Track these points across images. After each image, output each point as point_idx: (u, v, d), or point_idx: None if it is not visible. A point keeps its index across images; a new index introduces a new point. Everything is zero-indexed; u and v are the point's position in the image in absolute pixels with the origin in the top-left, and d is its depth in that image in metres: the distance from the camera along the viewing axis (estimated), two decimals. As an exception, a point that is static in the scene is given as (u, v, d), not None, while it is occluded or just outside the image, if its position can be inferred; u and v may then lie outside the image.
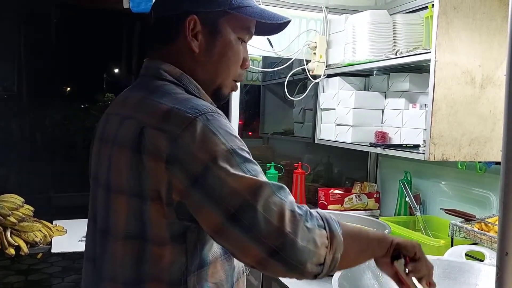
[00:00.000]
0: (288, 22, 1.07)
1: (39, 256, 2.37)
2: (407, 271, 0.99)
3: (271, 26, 1.06)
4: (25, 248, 2.24)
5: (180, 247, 0.89)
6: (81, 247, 2.25)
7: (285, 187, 0.86)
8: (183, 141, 0.82)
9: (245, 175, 0.81)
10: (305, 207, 0.86)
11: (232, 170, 0.81)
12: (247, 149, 0.87)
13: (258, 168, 0.85)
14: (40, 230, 2.32)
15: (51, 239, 2.34)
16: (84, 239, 2.33)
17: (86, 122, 7.32)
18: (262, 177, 0.84)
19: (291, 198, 0.85)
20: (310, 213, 0.85)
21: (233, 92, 2.38)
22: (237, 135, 0.88)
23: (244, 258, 0.84)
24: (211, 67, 1.00)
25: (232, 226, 0.80)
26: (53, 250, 2.26)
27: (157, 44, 1.01)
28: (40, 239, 2.29)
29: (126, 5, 2.20)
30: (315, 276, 0.84)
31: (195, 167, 0.82)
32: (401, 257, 0.98)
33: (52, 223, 2.47)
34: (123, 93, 1.04)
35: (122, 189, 0.90)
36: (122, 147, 0.90)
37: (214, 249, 0.93)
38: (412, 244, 0.99)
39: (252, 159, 0.86)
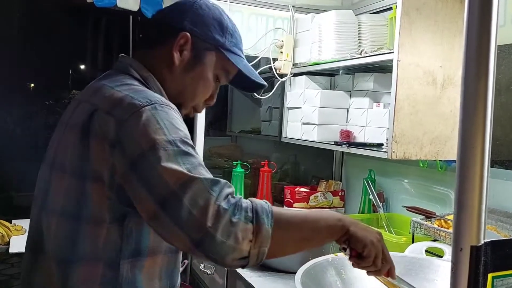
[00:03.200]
0: (264, 86, 1.15)
1: (-4, 257, 2.28)
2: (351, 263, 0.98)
3: (248, 83, 1.13)
4: (-19, 249, 2.15)
5: (117, 228, 0.92)
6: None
7: (222, 181, 0.87)
8: (128, 125, 0.86)
9: (178, 167, 0.83)
10: (237, 198, 0.86)
11: (165, 161, 0.83)
12: (190, 143, 0.89)
13: (196, 161, 0.86)
14: (-3, 230, 2.24)
15: (9, 239, 2.26)
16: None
17: (49, 120, 7.12)
18: (199, 171, 0.85)
19: (225, 191, 0.85)
20: (239, 206, 0.84)
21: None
22: (183, 129, 0.90)
23: (173, 243, 0.87)
24: (180, 84, 1.06)
25: (162, 214, 0.83)
26: (11, 250, 2.18)
27: (144, 43, 1.08)
28: (-2, 239, 2.21)
29: (89, -1, 2.14)
30: (240, 267, 0.86)
31: (134, 152, 0.85)
32: (347, 249, 0.95)
33: (11, 223, 2.38)
34: (91, 83, 1.08)
35: (65, 167, 0.94)
36: (72, 128, 0.95)
37: (157, 243, 0.96)
38: (364, 239, 0.94)
39: (192, 152, 0.88)
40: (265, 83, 1.15)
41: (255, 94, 2.45)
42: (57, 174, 0.97)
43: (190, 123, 2.31)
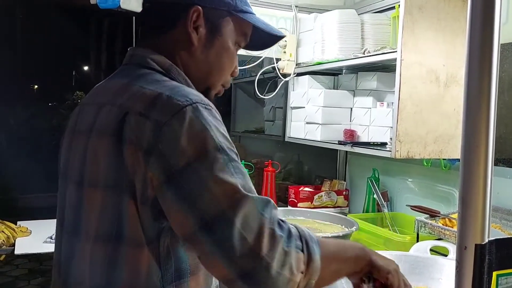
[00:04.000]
0: (282, 37, 1.04)
1: (1, 258, 2.30)
2: None
3: (261, 40, 1.03)
4: (-14, 250, 2.16)
5: (153, 251, 0.80)
6: (46, 248, 2.21)
7: (271, 201, 0.78)
8: (169, 130, 0.74)
9: (229, 179, 0.73)
10: (287, 225, 0.77)
11: (216, 171, 0.73)
12: (235, 150, 0.80)
13: (244, 172, 0.77)
14: (2, 231, 2.25)
15: (15, 241, 2.27)
16: (49, 240, 2.28)
17: (53, 121, 7.15)
18: (250, 187, 0.77)
19: (274, 214, 0.76)
20: (290, 231, 0.76)
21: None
22: (226, 133, 0.80)
23: (212, 272, 0.78)
24: (206, 65, 0.94)
25: (205, 236, 0.73)
26: (16, 252, 2.19)
27: (151, 31, 0.94)
28: (3, 240, 2.22)
29: (93, 1, 2.15)
30: None
31: (177, 161, 0.73)
32: (370, 280, 0.90)
33: (16, 224, 2.40)
34: (101, 83, 0.97)
35: (98, 181, 0.81)
36: (101, 135, 0.82)
37: (196, 259, 0.82)
38: (387, 269, 0.89)
39: (239, 160, 0.78)
40: (282, 33, 1.04)
41: (258, 93, 2.45)
42: (88, 189, 0.83)
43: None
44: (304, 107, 2.33)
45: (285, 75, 2.39)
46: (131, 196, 0.78)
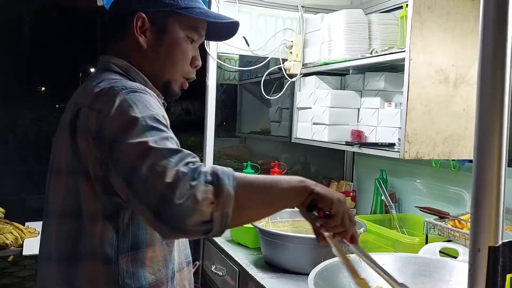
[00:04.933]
0: (236, 23, 1.14)
1: (10, 258, 2.31)
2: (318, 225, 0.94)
3: (226, 29, 1.14)
4: (-5, 251, 2.17)
5: (111, 224, 0.92)
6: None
7: (185, 151, 0.84)
8: (106, 113, 0.87)
9: (141, 140, 0.82)
10: (197, 164, 0.82)
11: (131, 137, 0.83)
12: (163, 121, 0.88)
13: (164, 134, 0.85)
14: (11, 232, 2.26)
15: (23, 241, 2.28)
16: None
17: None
18: (163, 143, 0.83)
19: (182, 157, 0.81)
20: (199, 170, 0.80)
21: (209, 92, 2.37)
22: (157, 110, 0.89)
23: (145, 222, 0.88)
24: (158, 63, 1.06)
25: (129, 190, 0.82)
26: (24, 253, 2.21)
27: (112, 39, 1.08)
28: (11, 241, 2.23)
29: (100, 2, 2.15)
30: (205, 234, 0.80)
31: (109, 137, 0.85)
32: (315, 208, 0.92)
33: (24, 225, 2.41)
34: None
35: (61, 169, 0.96)
36: (63, 130, 0.97)
37: (153, 232, 0.95)
38: (331, 197, 0.91)
39: (162, 128, 0.86)
40: (234, 19, 1.13)
41: (264, 94, 2.44)
42: (55, 176, 0.98)
43: (201, 124, 2.31)
44: (311, 108, 2.32)
45: (291, 76, 2.38)
46: (85, 177, 0.91)
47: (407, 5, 1.66)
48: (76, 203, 0.93)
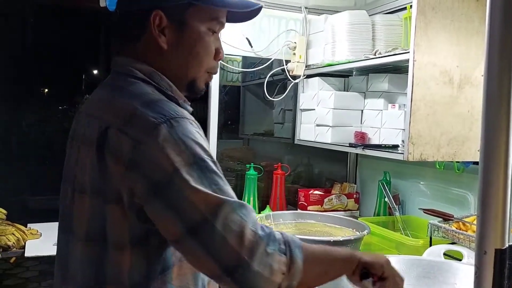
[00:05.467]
0: (259, 8, 1.03)
1: (12, 260, 2.30)
2: None
3: (243, 13, 1.03)
4: (-3, 253, 2.17)
5: (141, 250, 0.87)
6: (56, 250, 2.21)
7: (247, 205, 0.84)
8: (146, 148, 0.80)
9: (205, 190, 0.79)
10: (270, 229, 0.83)
11: (193, 183, 0.79)
12: (212, 158, 0.85)
13: (221, 180, 0.83)
14: (13, 234, 2.26)
15: (25, 243, 2.28)
16: (59, 242, 2.27)
17: (63, 124, 7.20)
18: (225, 191, 0.82)
19: (253, 217, 0.82)
20: (273, 236, 0.82)
21: (212, 93, 2.36)
22: (202, 143, 0.85)
23: (200, 269, 0.84)
24: (181, 61, 0.97)
25: (191, 239, 0.79)
26: (26, 254, 2.20)
27: (126, 40, 0.98)
28: (13, 243, 2.22)
29: (102, 3, 2.15)
30: None
31: (157, 176, 0.80)
32: (369, 276, 0.96)
33: (26, 227, 2.40)
34: (94, 91, 1.02)
35: (85, 188, 0.88)
36: (88, 146, 0.88)
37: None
38: (380, 262, 0.95)
39: (215, 169, 0.83)
40: (258, 4, 1.03)
41: (267, 96, 2.44)
42: (79, 194, 0.90)
43: (203, 126, 2.30)
44: (314, 109, 2.31)
45: (294, 77, 2.38)
46: (116, 203, 0.84)
47: (411, 6, 1.65)
48: (101, 228, 0.86)
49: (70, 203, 0.93)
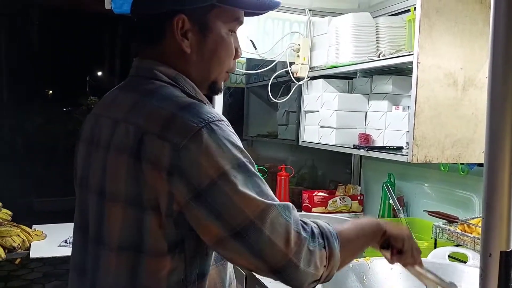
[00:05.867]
0: (278, 5, 1.02)
1: (17, 261, 2.32)
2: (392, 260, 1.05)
3: (261, 9, 1.02)
4: (2, 254, 2.18)
5: (179, 256, 0.86)
6: (61, 252, 2.21)
7: (290, 205, 0.85)
8: (188, 152, 0.79)
9: (252, 194, 0.80)
10: (310, 226, 0.86)
11: (239, 187, 0.79)
12: (251, 160, 0.85)
13: (262, 182, 0.84)
14: (18, 235, 2.27)
15: (30, 244, 2.29)
16: (64, 243, 2.29)
17: (68, 126, 7.23)
18: (267, 193, 0.83)
19: (295, 216, 0.85)
20: (313, 232, 0.85)
21: (216, 95, 2.37)
22: (240, 145, 0.85)
23: (244, 267, 0.85)
24: (205, 65, 0.96)
25: (238, 241, 0.80)
26: (31, 255, 2.21)
27: (146, 42, 0.96)
28: (18, 244, 2.23)
29: (108, 6, 2.16)
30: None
31: (200, 181, 0.79)
32: (389, 247, 1.02)
33: (31, 228, 2.41)
34: (111, 94, 0.99)
35: (119, 196, 0.85)
36: (119, 153, 0.86)
37: (212, 255, 0.92)
38: (402, 235, 1.02)
39: (255, 171, 0.85)
40: (278, 1, 1.02)
41: (271, 97, 2.44)
42: (110, 203, 0.87)
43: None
44: (318, 111, 2.31)
45: (298, 79, 2.38)
46: (153, 211, 0.82)
47: (415, 8, 1.65)
48: (136, 237, 0.84)
49: (98, 212, 0.90)
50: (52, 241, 2.32)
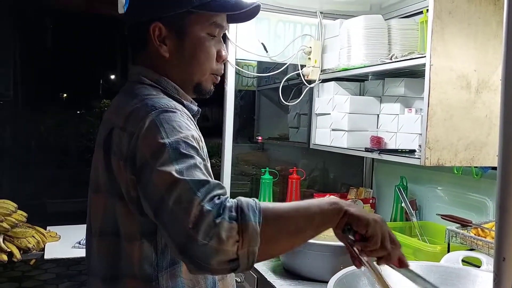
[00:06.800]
0: (257, 6, 1.07)
1: (32, 262, 2.34)
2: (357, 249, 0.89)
3: (244, 13, 1.06)
4: (17, 254, 2.21)
5: (150, 243, 0.91)
6: (74, 253, 2.24)
7: (212, 181, 0.81)
8: (134, 137, 0.86)
9: (169, 170, 0.80)
10: (222, 198, 0.79)
11: (159, 166, 0.81)
12: (191, 143, 0.86)
13: (192, 161, 0.82)
14: (33, 236, 2.30)
15: (44, 245, 2.32)
16: (78, 245, 2.32)
17: (81, 128, 7.31)
18: (191, 172, 0.81)
19: (213, 193, 0.79)
20: (224, 205, 0.78)
21: (228, 98, 2.37)
22: (186, 130, 0.87)
23: (170, 248, 0.85)
24: (184, 67, 1.03)
25: (157, 220, 0.82)
26: (46, 256, 2.24)
27: (135, 50, 1.05)
28: (33, 245, 2.26)
29: (121, 10, 2.19)
30: (232, 271, 0.79)
31: (139, 161, 0.84)
32: (350, 231, 0.87)
33: (45, 229, 2.44)
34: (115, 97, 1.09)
35: (99, 188, 0.95)
36: (98, 148, 0.96)
37: None
38: (366, 218, 0.87)
39: (190, 153, 0.84)
40: (255, 3, 1.06)
41: (282, 100, 2.44)
42: (94, 194, 0.98)
43: (219, 130, 2.32)
44: (329, 114, 2.31)
45: (310, 82, 2.38)
46: (120, 198, 0.90)
47: (427, 10, 1.64)
48: (114, 223, 0.92)
49: (89, 205, 1.00)
50: (66, 242, 2.35)
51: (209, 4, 0.99)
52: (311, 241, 1.68)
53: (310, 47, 2.32)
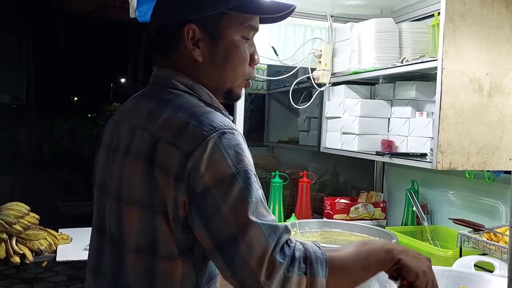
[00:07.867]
0: (293, 10, 1.01)
1: (44, 264, 2.37)
2: None
3: (275, 17, 1.02)
4: (30, 256, 2.23)
5: (189, 260, 0.89)
6: (86, 255, 2.25)
7: (280, 226, 0.83)
8: (193, 159, 0.81)
9: (243, 209, 0.80)
10: (291, 248, 0.82)
11: (231, 198, 0.80)
12: (253, 170, 0.86)
13: (258, 196, 0.83)
14: (45, 239, 2.32)
15: (56, 248, 2.34)
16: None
17: (92, 132, 7.37)
18: (260, 211, 0.82)
19: (280, 240, 0.81)
20: (293, 256, 0.81)
21: (238, 101, 2.38)
22: (247, 154, 0.86)
23: (225, 279, 0.85)
24: (217, 73, 0.97)
25: (218, 253, 0.81)
26: (58, 259, 2.26)
27: (163, 53, 0.99)
28: (45, 247, 2.29)
29: (132, 15, 2.20)
30: None
31: (198, 187, 0.81)
32: (398, 279, 0.92)
33: (57, 232, 2.47)
34: (131, 101, 1.02)
35: (135, 201, 0.89)
36: (135, 158, 0.89)
37: None
38: (417, 269, 0.91)
39: (254, 184, 0.84)
40: (292, 5, 1.00)
41: (293, 103, 2.44)
42: (127, 207, 0.91)
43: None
44: (340, 117, 2.30)
45: (320, 85, 2.37)
46: (163, 216, 0.85)
47: (438, 13, 1.63)
48: (151, 240, 0.88)
49: (116, 215, 0.93)
50: (78, 244, 2.36)
51: (245, 6, 0.94)
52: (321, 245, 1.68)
53: (321, 51, 2.32)
